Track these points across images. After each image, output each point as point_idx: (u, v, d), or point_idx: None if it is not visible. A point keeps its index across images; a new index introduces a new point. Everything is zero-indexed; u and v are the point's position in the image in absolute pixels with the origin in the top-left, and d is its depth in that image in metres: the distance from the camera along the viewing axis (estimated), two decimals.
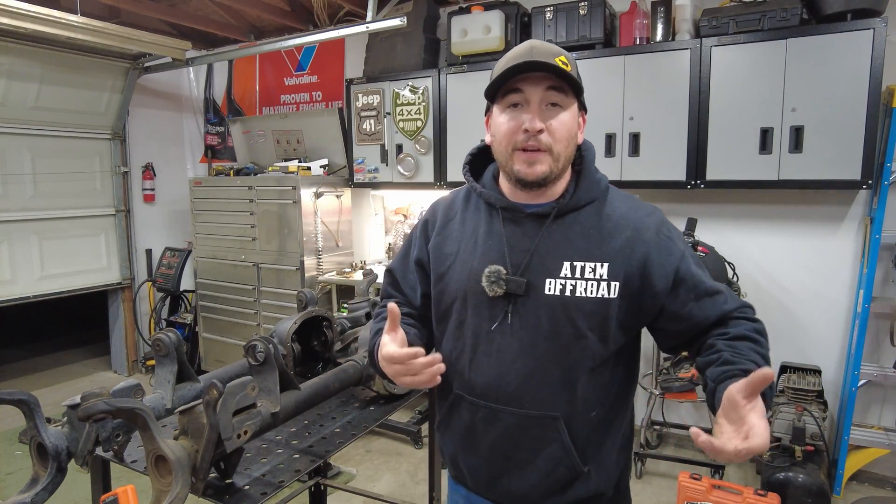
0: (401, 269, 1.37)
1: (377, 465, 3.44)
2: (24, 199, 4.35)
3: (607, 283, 1.13)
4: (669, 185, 3.17)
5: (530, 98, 1.12)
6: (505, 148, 1.15)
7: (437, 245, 1.28)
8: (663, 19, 3.16)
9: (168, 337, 1.42)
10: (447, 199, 1.35)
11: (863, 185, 2.75)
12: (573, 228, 1.17)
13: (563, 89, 1.13)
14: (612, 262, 1.13)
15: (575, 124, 1.16)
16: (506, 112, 1.15)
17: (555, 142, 1.12)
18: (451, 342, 1.25)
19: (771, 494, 2.46)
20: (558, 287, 1.13)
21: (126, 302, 5.10)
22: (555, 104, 1.13)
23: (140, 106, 5.07)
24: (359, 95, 4.14)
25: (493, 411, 1.18)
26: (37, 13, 3.48)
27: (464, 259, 1.22)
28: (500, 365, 1.17)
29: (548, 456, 1.17)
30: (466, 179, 1.29)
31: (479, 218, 1.24)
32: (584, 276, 1.13)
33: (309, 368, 1.84)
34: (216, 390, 1.14)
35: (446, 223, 1.29)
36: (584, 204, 1.18)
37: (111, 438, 1.30)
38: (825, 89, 2.76)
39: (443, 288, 1.25)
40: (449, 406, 1.28)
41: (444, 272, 1.25)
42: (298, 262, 4.13)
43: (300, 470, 1.40)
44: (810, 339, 3.24)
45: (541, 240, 1.16)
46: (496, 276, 1.15)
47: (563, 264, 1.14)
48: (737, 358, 1.06)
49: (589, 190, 1.19)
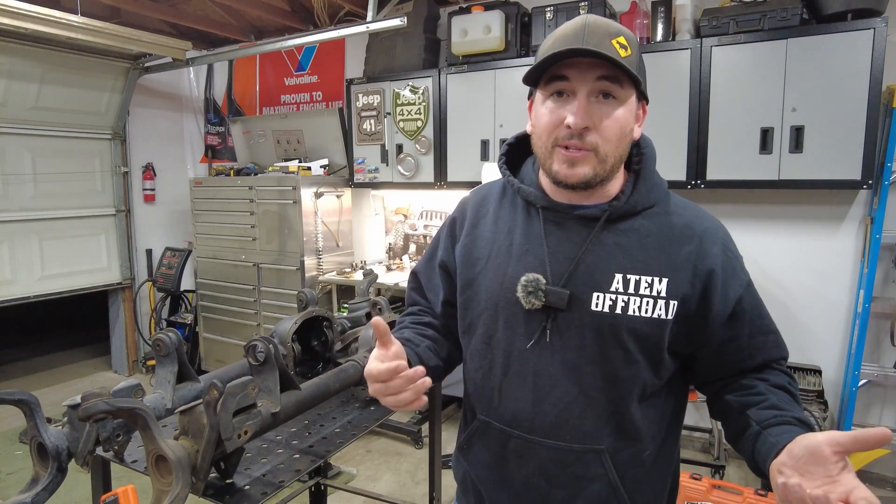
0: (425, 273, 1.23)
1: (377, 465, 3.44)
2: (25, 200, 4.35)
3: (665, 301, 0.97)
4: (670, 185, 3.14)
5: (577, 89, 0.94)
6: (545, 143, 0.98)
7: (465, 247, 1.12)
8: (663, 19, 3.15)
9: (168, 337, 1.42)
10: (479, 193, 1.18)
11: (863, 185, 2.75)
12: (628, 236, 1.00)
13: (618, 79, 0.94)
14: (673, 278, 0.97)
15: (630, 120, 0.98)
16: (549, 100, 0.97)
17: (603, 141, 0.95)
18: (476, 360, 1.08)
19: (771, 494, 2.46)
20: (608, 303, 0.97)
21: (126, 302, 5.10)
22: (608, 95, 0.95)
23: (140, 106, 5.07)
24: (359, 95, 4.14)
25: (527, 443, 1.02)
26: (37, 13, 3.48)
27: (496, 264, 1.06)
28: (536, 390, 1.01)
29: (591, 496, 1.01)
30: (502, 173, 1.12)
31: (515, 217, 1.08)
32: (638, 291, 0.97)
33: (309, 368, 1.84)
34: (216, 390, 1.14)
35: (477, 222, 1.12)
36: (641, 209, 1.02)
37: (111, 438, 1.30)
38: (825, 89, 2.76)
39: (470, 296, 1.09)
40: (472, 432, 1.12)
41: (473, 278, 1.09)
42: (299, 262, 4.13)
43: (300, 470, 1.40)
44: (810, 339, 3.24)
45: (589, 247, 1.00)
46: (534, 286, 0.98)
47: (615, 276, 0.98)
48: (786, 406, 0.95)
49: (649, 193, 1.03)
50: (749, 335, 1.01)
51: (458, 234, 1.15)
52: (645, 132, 1.11)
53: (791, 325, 3.27)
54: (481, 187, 1.20)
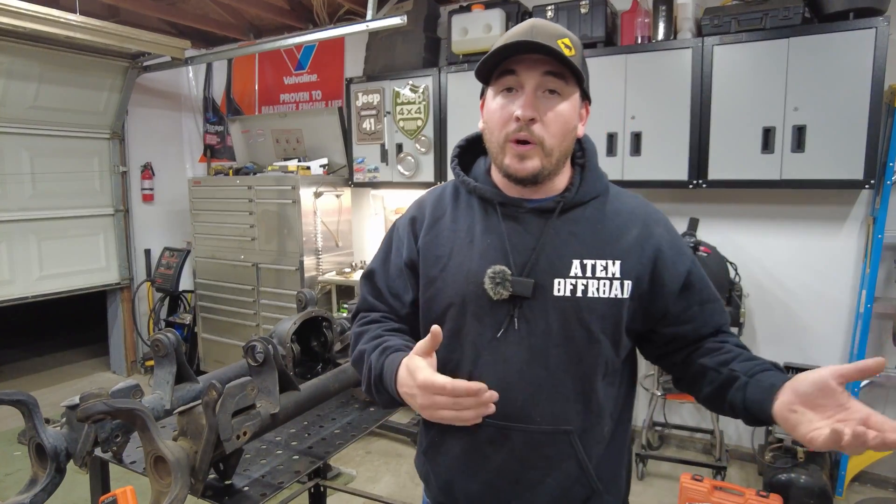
0: (383, 275, 1.21)
1: (377, 467, 3.43)
2: (23, 199, 4.34)
3: (620, 281, 1.05)
4: (671, 184, 3.16)
5: (525, 83, 1.01)
6: (497, 138, 1.05)
7: (426, 245, 1.14)
8: (665, 18, 3.15)
9: (167, 337, 1.41)
10: (433, 194, 1.22)
11: (865, 185, 2.74)
12: (580, 224, 1.08)
13: (563, 76, 1.01)
14: (625, 260, 1.05)
15: (574, 116, 1.05)
16: (499, 97, 1.04)
17: (548, 135, 1.01)
18: (443, 354, 1.09)
19: (773, 496, 2.45)
20: (569, 287, 1.04)
21: (125, 302, 5.09)
22: (553, 91, 1.02)
23: (139, 105, 5.06)
24: (359, 94, 4.13)
25: (499, 430, 1.06)
26: (36, 12, 3.47)
27: (459, 260, 1.10)
28: (506, 377, 1.04)
29: (561, 475, 1.07)
30: (455, 173, 1.18)
31: (472, 215, 1.12)
32: (595, 274, 1.04)
33: (308, 369, 1.83)
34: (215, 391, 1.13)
35: (435, 221, 1.16)
36: (589, 199, 1.10)
37: (110, 439, 1.29)
38: (827, 88, 2.76)
39: (434, 293, 1.12)
40: (441, 429, 1.12)
41: (436, 276, 1.12)
42: (298, 262, 4.12)
43: (300, 471, 1.39)
44: (812, 340, 3.23)
45: (546, 237, 1.06)
46: (501, 277, 1.03)
47: (573, 263, 1.05)
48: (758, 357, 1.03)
49: (594, 184, 1.11)
50: (700, 303, 1.10)
51: (419, 232, 1.17)
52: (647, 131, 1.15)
53: (793, 326, 3.27)
54: (435, 188, 1.24)
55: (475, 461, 1.10)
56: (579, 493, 1.08)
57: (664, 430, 3.64)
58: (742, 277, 3.21)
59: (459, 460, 1.12)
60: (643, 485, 3.20)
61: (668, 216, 1.19)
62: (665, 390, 3.03)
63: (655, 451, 3.47)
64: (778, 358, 3.22)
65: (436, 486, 1.19)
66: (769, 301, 3.30)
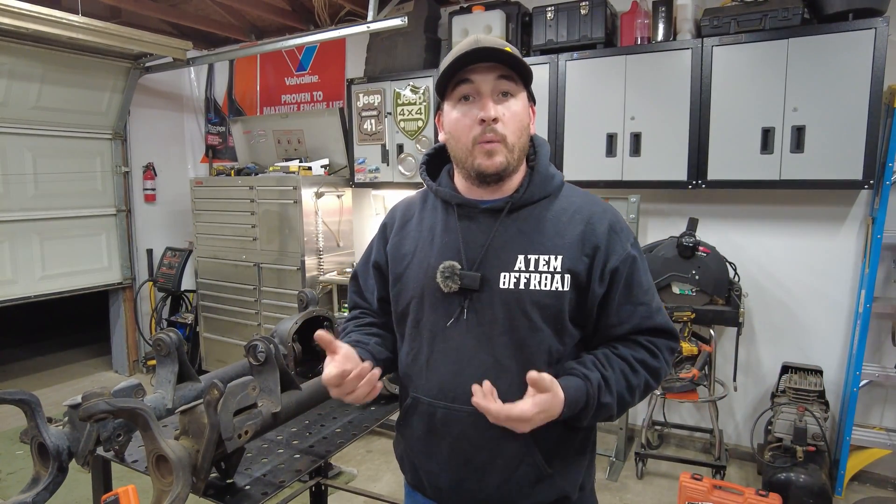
0: (363, 276, 1.37)
1: (378, 465, 3.44)
2: (25, 199, 4.35)
3: (560, 275, 1.12)
4: (671, 185, 3.16)
5: (481, 88, 1.11)
6: (465, 144, 1.14)
7: (394, 245, 1.27)
8: (664, 19, 3.15)
9: (169, 337, 1.42)
10: (405, 201, 1.35)
11: (864, 186, 2.74)
12: (527, 222, 1.16)
13: (512, 78, 1.12)
14: (566, 255, 1.13)
15: (527, 114, 1.16)
16: (458, 107, 1.14)
17: (508, 132, 1.12)
18: (407, 343, 1.23)
19: (772, 495, 2.46)
20: (512, 280, 1.12)
21: (127, 302, 5.10)
22: (506, 93, 1.12)
23: (141, 106, 5.07)
24: (360, 95, 4.14)
25: (451, 412, 1.15)
26: (38, 13, 3.48)
27: (421, 257, 1.21)
28: (457, 362, 1.15)
29: (509, 455, 1.14)
30: (423, 179, 1.28)
31: (436, 217, 1.23)
32: (538, 268, 1.12)
33: (310, 368, 1.84)
34: (217, 390, 1.14)
35: (404, 224, 1.28)
36: (538, 198, 1.18)
37: (112, 438, 1.30)
38: (827, 89, 2.76)
39: (401, 288, 1.23)
40: (406, 410, 1.25)
41: (402, 272, 1.23)
42: (299, 262, 4.13)
43: (301, 470, 1.40)
44: (812, 340, 3.24)
45: (495, 234, 1.15)
46: (450, 272, 1.14)
47: (518, 257, 1.13)
48: (593, 363, 1.12)
49: (543, 185, 1.18)
50: (618, 303, 1.15)
51: (389, 235, 1.31)
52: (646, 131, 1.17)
53: (792, 325, 3.27)
54: (408, 196, 1.36)
55: (432, 442, 1.20)
56: (528, 473, 1.15)
57: (664, 430, 3.64)
58: (741, 277, 3.22)
59: (420, 441, 1.22)
60: (643, 484, 3.20)
61: (668, 216, 1.21)
62: (664, 390, 3.03)
63: (655, 451, 3.47)
64: (777, 358, 3.26)
65: (406, 465, 1.30)
66: (768, 301, 3.31)
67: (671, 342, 1.20)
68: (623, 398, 1.13)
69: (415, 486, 1.29)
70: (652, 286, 1.20)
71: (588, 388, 1.08)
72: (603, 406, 1.10)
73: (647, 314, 1.16)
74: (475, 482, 1.16)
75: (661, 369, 1.17)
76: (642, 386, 1.15)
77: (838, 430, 3.13)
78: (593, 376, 1.09)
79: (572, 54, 3.30)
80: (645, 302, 1.16)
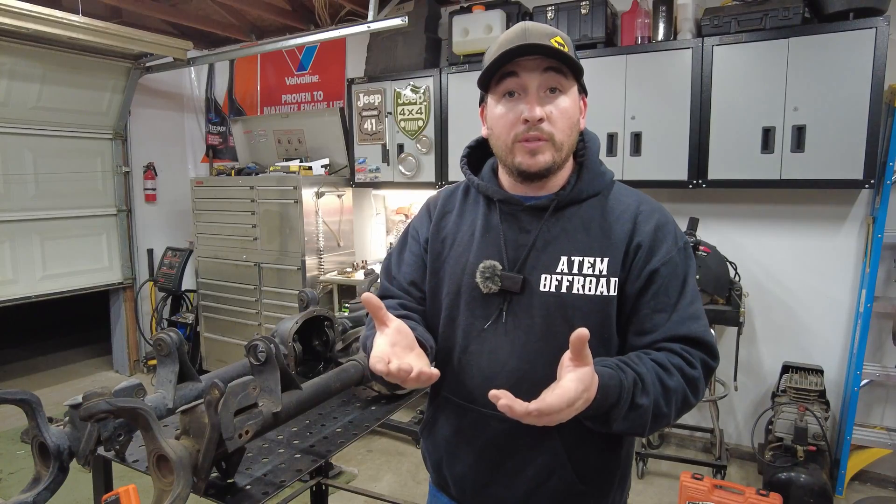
0: (397, 265, 1.27)
1: (378, 465, 3.44)
2: (26, 199, 4.36)
3: (607, 279, 1.04)
4: (671, 184, 3.16)
5: (527, 84, 1.04)
6: (505, 141, 1.07)
7: (434, 237, 1.21)
8: (665, 18, 3.15)
9: (170, 336, 1.42)
10: (447, 191, 1.28)
11: (865, 185, 2.74)
12: (572, 222, 1.09)
13: (561, 71, 1.04)
14: (613, 257, 1.05)
15: (576, 110, 1.09)
16: (502, 102, 1.07)
17: (556, 130, 1.04)
18: (440, 341, 1.17)
19: (773, 494, 2.46)
20: (554, 283, 1.05)
21: (128, 302, 5.10)
22: (554, 89, 1.05)
23: (141, 106, 5.07)
24: (360, 95, 4.14)
25: (482, 416, 1.10)
26: (38, 13, 3.49)
27: (459, 253, 1.15)
28: (490, 366, 1.09)
29: (539, 466, 1.08)
30: (464, 173, 1.22)
31: (477, 212, 1.17)
32: (582, 271, 1.05)
33: (310, 368, 1.84)
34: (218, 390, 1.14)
35: (443, 216, 1.22)
36: (586, 197, 1.11)
37: (113, 438, 1.30)
38: (827, 88, 2.76)
39: (437, 282, 1.18)
40: (435, 409, 1.21)
41: (440, 266, 1.18)
42: (300, 262, 4.13)
43: (301, 470, 1.40)
44: (812, 339, 3.24)
45: (539, 234, 1.09)
46: (491, 272, 1.08)
47: (561, 259, 1.06)
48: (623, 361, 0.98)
49: (592, 182, 1.11)
50: (653, 308, 1.05)
51: (428, 225, 1.23)
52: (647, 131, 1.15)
53: (793, 325, 3.27)
54: (449, 187, 1.29)
55: (460, 444, 1.16)
56: (557, 486, 1.09)
57: (664, 429, 3.64)
58: (742, 277, 3.22)
59: (448, 441, 1.18)
60: (643, 483, 3.20)
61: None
62: None
63: (655, 450, 3.47)
64: (778, 357, 3.26)
65: (430, 463, 1.26)
66: (769, 300, 3.30)
67: (707, 357, 1.05)
68: (659, 405, 0.98)
69: (439, 487, 1.26)
70: (696, 297, 1.08)
71: (622, 380, 0.94)
72: (637, 408, 0.95)
73: (680, 320, 1.04)
74: (503, 488, 1.12)
75: (699, 380, 1.03)
76: (680, 394, 1.00)
77: (839, 430, 3.13)
78: (630, 371, 0.96)
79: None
80: (682, 309, 1.05)
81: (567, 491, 1.09)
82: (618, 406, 0.93)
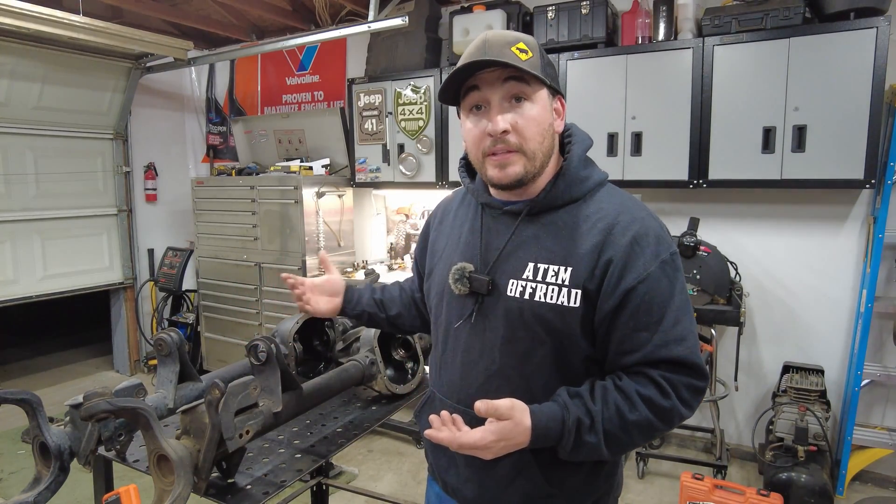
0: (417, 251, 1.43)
1: (379, 465, 3.44)
2: (27, 199, 4.36)
3: (568, 289, 1.02)
4: (672, 184, 3.16)
5: (489, 97, 1.04)
6: (476, 156, 1.10)
7: (432, 242, 1.30)
8: (665, 18, 3.15)
9: (170, 336, 1.42)
10: (450, 196, 1.36)
11: (866, 185, 2.74)
12: (546, 228, 1.08)
13: (523, 79, 1.03)
14: (576, 268, 1.03)
15: (547, 115, 1.06)
16: (469, 117, 1.08)
17: (525, 139, 1.03)
18: (432, 337, 1.27)
19: (773, 494, 2.46)
20: (519, 289, 1.07)
21: (128, 302, 5.11)
22: (519, 98, 1.04)
23: (142, 106, 5.07)
24: (360, 95, 4.14)
25: (458, 412, 1.09)
26: (39, 13, 3.49)
27: (447, 254, 1.21)
28: (464, 364, 1.15)
29: (507, 465, 1.09)
30: (460, 176, 1.26)
31: (468, 215, 1.22)
32: (545, 279, 1.04)
33: (311, 368, 1.84)
34: (218, 390, 1.14)
35: (442, 220, 1.30)
36: (562, 203, 1.09)
37: (113, 438, 1.30)
38: (828, 88, 2.76)
39: (431, 284, 1.26)
40: (425, 400, 1.31)
41: (433, 268, 1.25)
42: (300, 262, 4.13)
43: (302, 469, 1.40)
44: (813, 339, 3.23)
45: (512, 238, 1.10)
46: (460, 274, 1.12)
47: (528, 265, 1.07)
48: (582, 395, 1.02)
49: (568, 188, 1.08)
50: (631, 328, 1.01)
51: (430, 231, 1.34)
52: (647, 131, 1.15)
53: (793, 325, 3.27)
54: (454, 191, 1.36)
55: None
56: (524, 486, 1.11)
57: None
58: (742, 277, 3.21)
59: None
60: (644, 483, 3.20)
61: (669, 216, 1.16)
62: None
63: (656, 450, 3.47)
64: (778, 357, 3.26)
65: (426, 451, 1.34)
66: (769, 300, 3.30)
67: (692, 379, 1.01)
68: (615, 437, 1.00)
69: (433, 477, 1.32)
70: (683, 313, 1.03)
71: (565, 420, 0.98)
72: (583, 444, 0.99)
73: (662, 342, 1.00)
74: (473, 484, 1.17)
75: (673, 410, 1.01)
76: (643, 426, 1.00)
77: (840, 430, 3.12)
78: (575, 410, 0.99)
79: (573, 54, 3.29)
80: (664, 330, 1.00)
81: (536, 493, 1.11)
82: (561, 444, 1.00)
